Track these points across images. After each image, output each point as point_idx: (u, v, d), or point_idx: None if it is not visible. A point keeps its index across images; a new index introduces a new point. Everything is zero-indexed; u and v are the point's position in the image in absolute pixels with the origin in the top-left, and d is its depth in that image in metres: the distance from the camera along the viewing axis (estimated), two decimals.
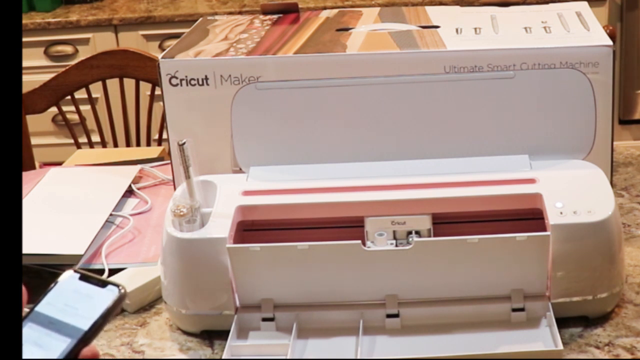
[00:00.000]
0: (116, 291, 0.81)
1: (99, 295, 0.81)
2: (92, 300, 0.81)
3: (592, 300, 1.14)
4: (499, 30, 1.37)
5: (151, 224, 1.47)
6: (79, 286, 0.83)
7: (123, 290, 0.81)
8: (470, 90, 1.28)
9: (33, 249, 1.32)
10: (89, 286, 0.82)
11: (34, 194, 1.56)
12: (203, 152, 1.28)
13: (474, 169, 1.24)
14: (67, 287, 0.83)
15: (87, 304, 0.81)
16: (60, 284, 0.84)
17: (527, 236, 1.10)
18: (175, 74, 1.31)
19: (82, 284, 0.83)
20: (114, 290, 0.81)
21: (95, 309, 0.80)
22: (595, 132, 1.28)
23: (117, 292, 0.81)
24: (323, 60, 1.29)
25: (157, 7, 3.26)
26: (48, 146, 3.18)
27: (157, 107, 2.07)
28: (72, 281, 0.83)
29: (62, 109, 2.24)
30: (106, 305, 0.80)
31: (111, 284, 0.82)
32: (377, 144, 1.30)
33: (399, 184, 1.21)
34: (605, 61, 1.26)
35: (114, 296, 0.81)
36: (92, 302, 0.81)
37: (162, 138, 2.25)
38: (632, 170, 1.57)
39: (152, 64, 2.12)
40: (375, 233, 1.16)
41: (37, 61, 3.24)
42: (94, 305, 0.80)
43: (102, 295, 0.81)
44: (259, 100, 1.30)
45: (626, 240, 1.33)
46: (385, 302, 1.15)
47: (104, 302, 0.81)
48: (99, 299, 0.81)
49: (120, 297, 0.81)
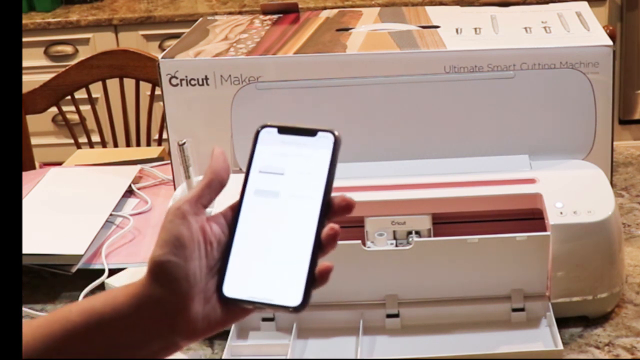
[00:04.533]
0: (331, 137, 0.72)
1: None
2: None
3: (592, 300, 1.14)
4: (499, 30, 1.37)
5: (151, 224, 1.47)
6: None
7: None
8: (470, 90, 1.28)
9: (33, 249, 1.32)
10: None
11: (34, 194, 1.56)
12: (203, 152, 1.27)
13: (474, 169, 1.24)
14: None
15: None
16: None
17: (527, 236, 1.10)
18: (175, 74, 1.31)
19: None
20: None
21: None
22: (595, 132, 1.28)
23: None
24: (323, 60, 1.29)
25: (157, 7, 3.26)
26: (48, 146, 3.17)
27: (157, 107, 2.07)
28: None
29: (62, 109, 2.24)
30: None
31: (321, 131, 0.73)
32: (377, 144, 1.30)
33: (399, 184, 1.21)
34: (605, 61, 1.26)
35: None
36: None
37: (162, 138, 2.25)
38: (632, 170, 1.57)
39: (152, 64, 2.12)
40: (375, 233, 1.16)
41: (37, 61, 3.23)
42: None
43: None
44: (259, 100, 1.30)
45: (626, 240, 1.33)
46: (385, 302, 1.14)
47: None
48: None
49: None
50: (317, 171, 0.72)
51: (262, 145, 0.74)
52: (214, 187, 0.75)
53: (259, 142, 0.74)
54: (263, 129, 0.74)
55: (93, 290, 1.29)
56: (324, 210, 0.71)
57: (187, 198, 0.74)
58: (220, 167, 0.75)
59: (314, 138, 0.73)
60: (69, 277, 1.32)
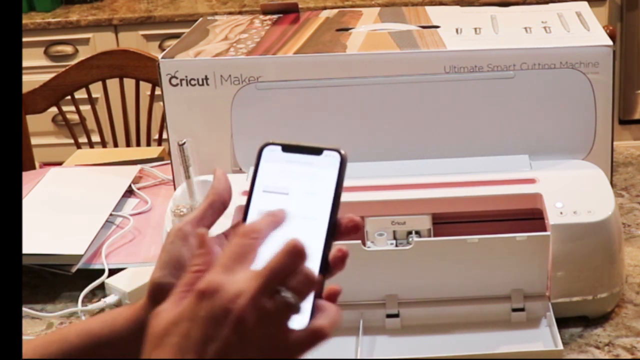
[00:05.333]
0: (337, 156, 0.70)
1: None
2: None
3: (592, 300, 1.14)
4: (499, 30, 1.37)
5: (151, 224, 1.47)
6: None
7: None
8: (470, 90, 1.28)
9: (33, 249, 1.32)
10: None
11: (34, 194, 1.56)
12: (203, 152, 1.28)
13: (474, 169, 1.24)
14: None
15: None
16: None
17: (527, 236, 1.10)
18: (175, 74, 1.31)
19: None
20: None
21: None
22: (595, 132, 1.28)
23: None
24: (323, 60, 1.29)
25: (157, 7, 3.26)
26: (48, 146, 3.17)
27: (157, 107, 2.07)
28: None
29: (62, 109, 2.24)
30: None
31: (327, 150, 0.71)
32: (377, 144, 1.30)
33: (399, 184, 1.21)
34: (605, 61, 1.26)
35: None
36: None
37: (162, 138, 2.25)
38: (632, 170, 1.57)
39: (152, 64, 2.12)
40: (375, 233, 1.16)
41: (37, 61, 3.23)
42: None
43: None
44: (259, 100, 1.30)
45: (626, 240, 1.33)
46: (385, 302, 1.14)
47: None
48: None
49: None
50: (323, 191, 0.70)
51: (266, 163, 0.72)
52: (216, 208, 0.74)
53: (262, 160, 0.72)
54: (266, 146, 0.72)
55: (93, 290, 1.29)
56: (331, 231, 0.69)
57: (189, 219, 0.73)
58: (222, 188, 0.75)
59: (319, 157, 0.71)
60: (69, 277, 1.32)
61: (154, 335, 0.64)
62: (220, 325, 0.62)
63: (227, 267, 0.64)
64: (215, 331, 0.62)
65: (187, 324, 0.63)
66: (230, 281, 0.63)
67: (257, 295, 0.62)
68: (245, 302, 0.62)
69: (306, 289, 0.65)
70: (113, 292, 1.26)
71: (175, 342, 0.63)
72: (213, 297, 0.63)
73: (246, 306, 0.62)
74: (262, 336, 0.63)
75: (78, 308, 1.25)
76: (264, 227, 0.67)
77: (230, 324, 0.62)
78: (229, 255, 0.65)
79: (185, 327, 0.63)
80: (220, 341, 0.62)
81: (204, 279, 0.64)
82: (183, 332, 0.63)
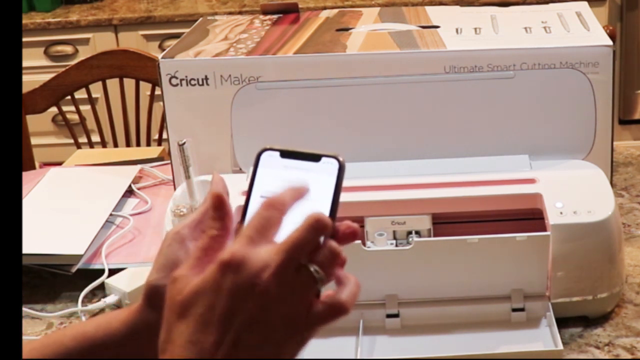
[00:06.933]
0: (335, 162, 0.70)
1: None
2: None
3: (592, 300, 1.14)
4: (499, 30, 1.37)
5: (151, 224, 1.47)
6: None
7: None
8: (470, 90, 1.28)
9: (33, 249, 1.32)
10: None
11: (34, 194, 1.56)
12: (203, 152, 1.28)
13: (474, 169, 1.24)
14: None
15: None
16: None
17: (527, 236, 1.10)
18: (175, 74, 1.31)
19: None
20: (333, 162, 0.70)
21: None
22: (595, 132, 1.28)
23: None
24: (323, 60, 1.29)
25: (157, 7, 3.26)
26: (48, 146, 3.17)
27: (157, 107, 2.07)
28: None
29: (62, 109, 2.24)
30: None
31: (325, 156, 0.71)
32: (377, 144, 1.30)
33: (399, 184, 1.21)
34: (605, 61, 1.26)
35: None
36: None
37: (162, 138, 2.25)
38: (632, 170, 1.57)
39: (152, 64, 2.12)
40: (375, 233, 1.16)
41: (37, 61, 3.23)
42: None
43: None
44: (259, 100, 1.30)
45: (626, 240, 1.33)
46: (385, 302, 1.14)
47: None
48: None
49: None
50: (321, 198, 0.69)
51: (264, 169, 0.72)
52: None
53: (260, 165, 0.72)
54: (264, 152, 0.72)
55: (93, 290, 1.29)
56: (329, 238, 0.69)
57: (187, 222, 0.73)
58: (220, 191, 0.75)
59: (317, 163, 0.71)
60: (69, 277, 1.32)
61: (177, 304, 0.64)
62: (245, 298, 0.62)
63: (251, 238, 0.64)
64: (240, 304, 0.62)
65: (212, 295, 0.63)
66: (255, 254, 0.63)
67: (281, 270, 0.63)
68: (270, 276, 0.63)
69: (331, 264, 0.66)
70: (113, 292, 1.26)
71: (200, 313, 0.63)
72: (238, 269, 0.63)
73: (271, 280, 0.63)
74: (286, 310, 0.63)
75: (78, 308, 1.25)
76: (287, 199, 0.67)
77: (254, 297, 0.62)
78: (254, 226, 0.65)
79: (210, 298, 0.63)
80: (244, 314, 0.62)
81: (227, 249, 0.64)
82: (208, 303, 0.63)
